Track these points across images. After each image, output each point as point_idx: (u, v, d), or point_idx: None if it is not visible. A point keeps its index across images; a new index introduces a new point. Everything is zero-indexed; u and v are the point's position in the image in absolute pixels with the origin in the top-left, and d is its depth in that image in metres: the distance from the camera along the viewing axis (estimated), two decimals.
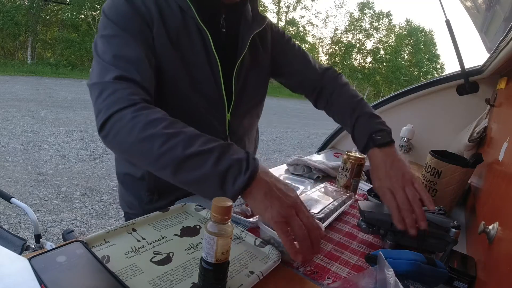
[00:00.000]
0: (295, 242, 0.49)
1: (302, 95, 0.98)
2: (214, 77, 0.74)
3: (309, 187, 1.00)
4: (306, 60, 0.93)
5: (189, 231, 0.63)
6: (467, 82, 1.32)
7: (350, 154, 0.96)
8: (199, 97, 0.74)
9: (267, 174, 0.53)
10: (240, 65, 0.79)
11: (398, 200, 0.63)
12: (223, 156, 0.51)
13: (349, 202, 0.87)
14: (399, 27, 29.27)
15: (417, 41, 28.23)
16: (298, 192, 0.87)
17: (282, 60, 0.91)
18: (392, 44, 28.45)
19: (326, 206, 0.79)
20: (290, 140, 6.63)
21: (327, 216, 0.76)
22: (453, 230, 0.63)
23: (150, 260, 0.52)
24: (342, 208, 0.83)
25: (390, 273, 0.46)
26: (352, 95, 0.87)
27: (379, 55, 28.23)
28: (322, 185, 0.93)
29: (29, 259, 0.44)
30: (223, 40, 0.76)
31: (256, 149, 1.02)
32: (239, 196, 0.51)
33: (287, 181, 1.05)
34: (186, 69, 0.71)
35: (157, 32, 0.67)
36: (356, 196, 0.90)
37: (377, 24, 28.48)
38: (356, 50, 28.45)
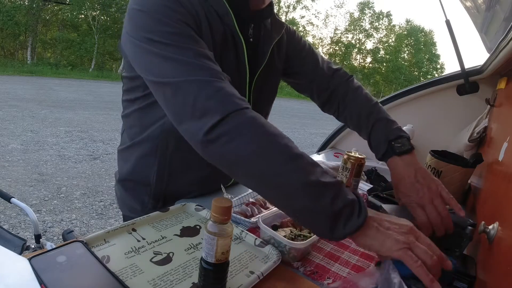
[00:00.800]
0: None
1: (308, 97, 0.95)
2: (240, 84, 0.72)
3: None
4: (316, 60, 0.90)
5: (189, 231, 0.63)
6: (467, 82, 1.32)
7: (350, 154, 0.96)
8: None
9: (373, 213, 0.50)
10: (258, 74, 0.77)
11: (429, 215, 0.63)
12: (340, 195, 0.47)
13: None
14: (399, 27, 29.30)
15: (417, 41, 28.23)
16: None
17: (294, 61, 0.89)
18: (392, 44, 28.46)
19: None
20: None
21: None
22: (469, 227, 0.65)
23: (150, 260, 0.52)
24: None
25: (394, 275, 0.46)
26: (367, 99, 0.84)
27: (379, 55, 28.23)
28: None
29: (29, 259, 0.44)
30: (250, 50, 0.72)
31: None
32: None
33: None
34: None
35: (205, 38, 0.61)
36: None
37: (377, 24, 28.50)
38: (356, 50, 28.46)
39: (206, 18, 0.62)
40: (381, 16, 28.30)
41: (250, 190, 0.80)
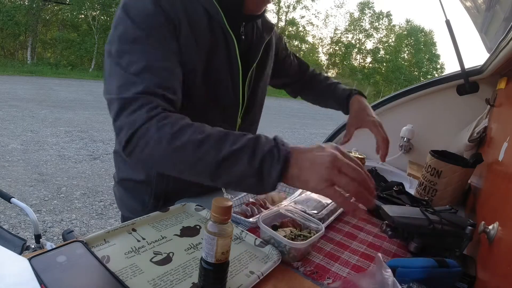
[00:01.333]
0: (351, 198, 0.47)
1: (278, 89, 1.14)
2: (233, 82, 0.74)
3: None
4: (294, 63, 1.07)
5: (189, 231, 0.63)
6: (467, 82, 1.32)
7: (350, 154, 0.96)
8: (215, 101, 0.73)
9: (298, 150, 0.51)
10: (251, 72, 0.79)
11: (386, 136, 0.90)
12: (255, 152, 0.50)
13: None
14: (399, 27, 29.27)
15: (417, 41, 28.21)
16: (297, 193, 0.87)
17: (280, 63, 0.98)
18: (392, 44, 28.43)
19: (326, 206, 0.79)
20: (290, 140, 6.59)
21: (327, 216, 0.76)
22: (469, 227, 0.65)
23: (150, 260, 0.52)
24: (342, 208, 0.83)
25: (388, 274, 0.46)
26: (325, 80, 1.08)
27: (379, 55, 28.21)
28: None
29: (29, 259, 0.44)
30: (242, 47, 0.75)
31: None
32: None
33: None
34: (208, 73, 0.69)
35: (184, 36, 0.64)
36: None
37: (377, 24, 28.47)
38: (356, 50, 28.44)
39: (186, 15, 0.63)
40: (381, 16, 28.29)
41: None
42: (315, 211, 0.74)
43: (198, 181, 0.54)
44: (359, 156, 0.94)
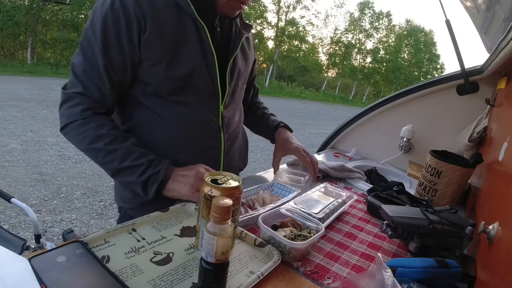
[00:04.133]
0: None
1: None
2: (208, 69, 0.77)
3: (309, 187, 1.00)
4: (254, 76, 1.10)
5: (189, 231, 0.63)
6: (467, 82, 1.32)
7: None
8: (193, 88, 0.77)
9: (178, 171, 0.72)
10: (233, 63, 0.83)
11: (310, 158, 1.03)
12: (146, 170, 0.71)
13: (349, 202, 0.87)
14: (399, 27, 29.23)
15: (417, 41, 28.18)
16: (294, 194, 0.87)
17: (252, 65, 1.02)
18: (392, 44, 28.39)
19: (326, 206, 0.79)
20: None
21: (327, 216, 0.76)
22: (469, 227, 0.66)
23: (150, 260, 0.52)
24: (342, 208, 0.83)
25: (388, 274, 0.46)
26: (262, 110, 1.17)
27: (379, 55, 28.17)
28: (322, 185, 0.93)
29: (29, 259, 0.44)
30: (217, 38, 0.79)
31: (247, 144, 1.07)
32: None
33: (287, 175, 1.06)
34: (180, 62, 0.73)
35: (149, 30, 0.69)
36: (353, 201, 0.90)
37: (377, 24, 28.43)
38: (356, 50, 28.41)
39: (152, 10, 0.69)
40: (381, 16, 28.26)
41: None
42: (315, 211, 0.74)
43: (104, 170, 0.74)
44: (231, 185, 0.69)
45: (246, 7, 0.82)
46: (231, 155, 0.92)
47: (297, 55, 26.93)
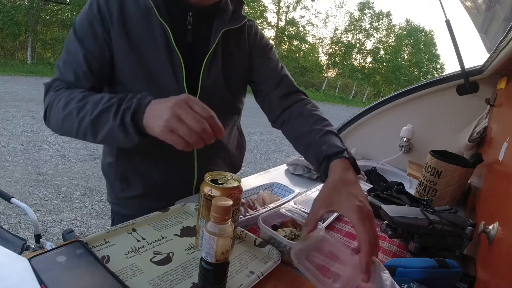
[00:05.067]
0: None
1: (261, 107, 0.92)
2: (174, 70, 0.74)
3: (309, 187, 1.00)
4: (280, 76, 0.88)
5: (189, 231, 0.63)
6: (467, 82, 1.32)
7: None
8: (156, 90, 0.71)
9: (156, 101, 0.58)
10: (210, 62, 0.78)
11: (371, 233, 0.51)
12: (119, 108, 0.60)
13: None
14: (399, 27, 29.25)
15: (417, 41, 28.19)
16: (294, 194, 0.87)
17: (257, 58, 0.88)
18: (392, 44, 28.40)
19: None
20: None
21: (327, 216, 0.76)
22: (469, 227, 0.65)
23: (150, 260, 0.52)
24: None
25: (386, 275, 0.46)
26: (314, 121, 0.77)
27: (379, 55, 28.18)
28: (322, 185, 0.93)
29: (29, 259, 0.44)
30: (189, 36, 0.77)
31: (243, 149, 0.99)
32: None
33: (287, 178, 1.05)
34: (144, 64, 0.73)
35: (115, 30, 0.71)
36: None
37: (377, 24, 28.44)
38: (356, 50, 28.42)
39: (120, 11, 0.71)
40: (381, 16, 28.26)
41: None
42: None
43: (89, 141, 0.66)
44: (231, 185, 0.55)
45: None
46: (209, 163, 0.85)
47: (297, 55, 26.94)
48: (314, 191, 0.88)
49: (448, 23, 1.29)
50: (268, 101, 0.87)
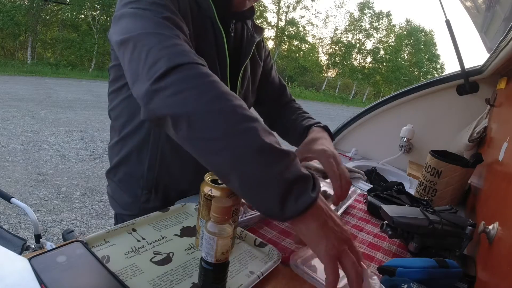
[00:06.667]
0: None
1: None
2: (221, 75, 0.75)
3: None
4: (281, 86, 0.98)
5: (189, 231, 0.63)
6: (467, 82, 1.32)
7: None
8: None
9: (323, 201, 0.47)
10: (244, 70, 0.81)
11: (340, 171, 0.66)
12: (293, 166, 0.44)
13: (353, 197, 0.87)
14: (399, 27, 29.21)
15: (417, 41, 28.17)
16: None
17: (264, 68, 0.94)
18: (392, 44, 28.37)
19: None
20: None
21: (336, 210, 0.76)
22: (469, 227, 0.65)
23: (150, 260, 0.52)
24: (348, 202, 0.82)
25: (374, 281, 0.47)
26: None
27: (379, 55, 28.16)
28: (323, 183, 0.93)
29: (29, 259, 0.44)
30: (232, 43, 0.77)
31: None
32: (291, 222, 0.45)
33: None
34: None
35: (182, 12, 0.64)
36: (356, 196, 0.90)
37: (377, 24, 28.41)
38: (356, 50, 28.41)
39: (189, 8, 0.66)
40: (381, 16, 28.25)
41: None
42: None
43: (213, 163, 0.45)
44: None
45: None
46: None
47: (297, 55, 26.92)
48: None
49: (448, 23, 1.29)
50: (267, 110, 0.97)
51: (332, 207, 0.60)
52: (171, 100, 0.45)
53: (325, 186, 0.64)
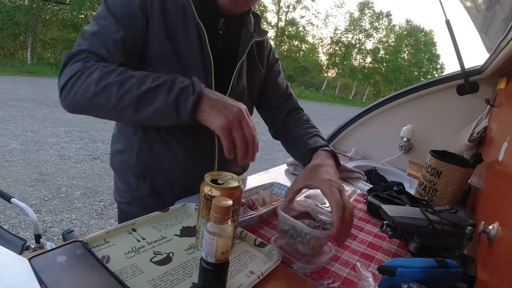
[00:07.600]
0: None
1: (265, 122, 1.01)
2: (205, 71, 0.76)
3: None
4: (287, 93, 0.99)
5: (189, 231, 0.63)
6: (467, 82, 1.32)
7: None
8: None
9: (213, 93, 0.61)
10: (239, 69, 0.82)
11: (344, 205, 0.58)
12: (172, 86, 0.60)
13: (353, 197, 0.87)
14: (399, 27, 29.21)
15: (417, 41, 28.17)
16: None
17: (269, 72, 0.95)
18: (392, 44, 28.38)
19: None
20: None
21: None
22: (469, 227, 0.66)
23: (150, 260, 0.52)
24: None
25: (369, 282, 0.47)
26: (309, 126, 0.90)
27: (379, 55, 28.17)
28: None
29: (29, 259, 0.44)
30: (220, 41, 0.79)
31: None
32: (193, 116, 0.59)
33: (287, 178, 1.05)
34: (178, 59, 0.74)
35: (155, 23, 0.70)
36: (356, 196, 0.90)
37: (377, 24, 28.42)
38: (356, 50, 28.41)
39: (161, 6, 0.70)
40: (381, 16, 28.25)
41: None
42: (327, 205, 0.73)
43: (124, 120, 0.67)
44: (231, 185, 0.56)
45: (255, 3, 0.79)
46: (228, 162, 0.86)
47: (297, 55, 26.93)
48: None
49: (448, 23, 1.29)
50: (273, 115, 0.97)
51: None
52: (72, 101, 0.65)
53: (325, 215, 0.64)
